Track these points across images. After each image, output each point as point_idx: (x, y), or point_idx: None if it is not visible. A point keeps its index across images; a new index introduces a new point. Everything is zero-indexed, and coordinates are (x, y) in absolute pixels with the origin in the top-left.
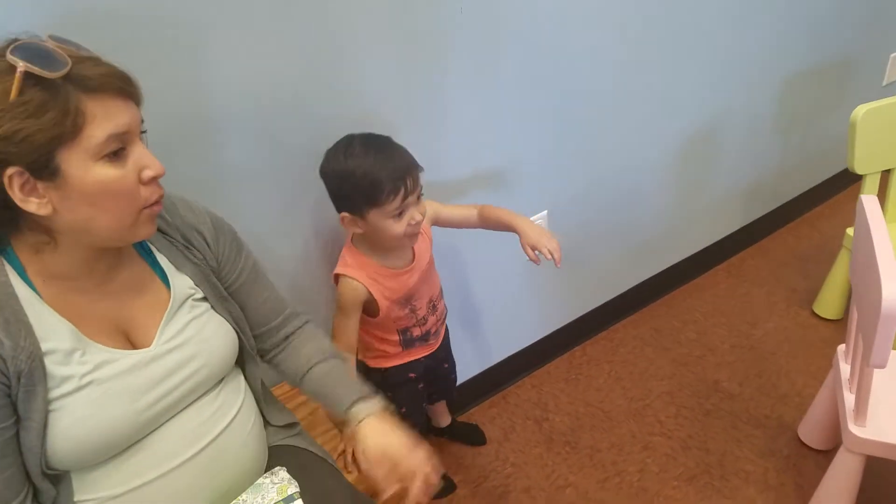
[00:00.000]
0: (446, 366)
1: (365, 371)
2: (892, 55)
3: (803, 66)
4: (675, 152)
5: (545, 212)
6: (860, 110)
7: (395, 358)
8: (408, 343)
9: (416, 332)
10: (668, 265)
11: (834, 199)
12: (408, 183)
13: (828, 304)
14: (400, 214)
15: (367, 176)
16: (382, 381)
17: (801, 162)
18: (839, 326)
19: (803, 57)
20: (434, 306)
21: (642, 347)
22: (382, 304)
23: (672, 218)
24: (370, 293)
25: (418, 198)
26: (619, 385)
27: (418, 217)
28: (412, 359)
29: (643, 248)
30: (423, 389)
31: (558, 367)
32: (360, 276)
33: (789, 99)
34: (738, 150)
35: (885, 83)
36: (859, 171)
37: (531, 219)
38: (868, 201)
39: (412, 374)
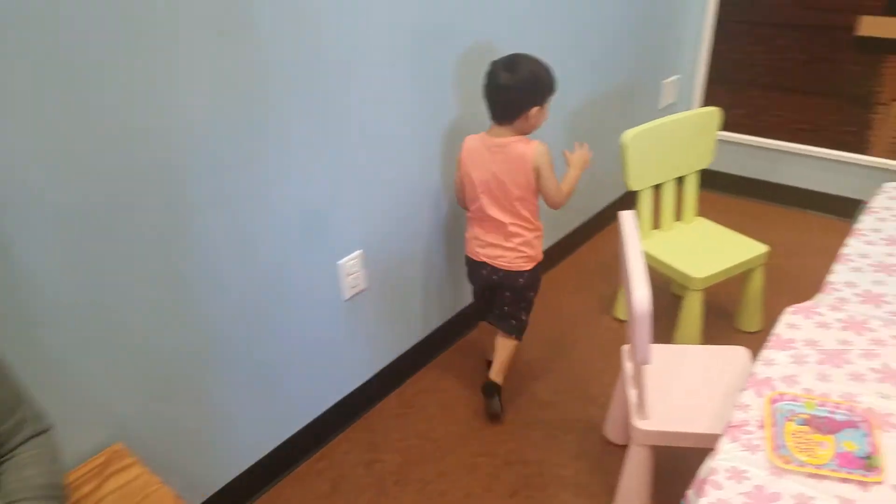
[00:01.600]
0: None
1: (536, 274)
2: (664, 81)
3: (589, 96)
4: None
5: (359, 251)
6: (628, 134)
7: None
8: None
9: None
10: None
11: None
12: None
13: (624, 307)
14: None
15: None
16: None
17: (597, 183)
18: None
19: (589, 87)
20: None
21: (469, 369)
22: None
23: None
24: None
25: None
26: (447, 412)
27: None
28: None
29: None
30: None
31: (390, 404)
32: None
33: (579, 127)
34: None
35: (661, 106)
36: (633, 188)
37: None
38: (625, 217)
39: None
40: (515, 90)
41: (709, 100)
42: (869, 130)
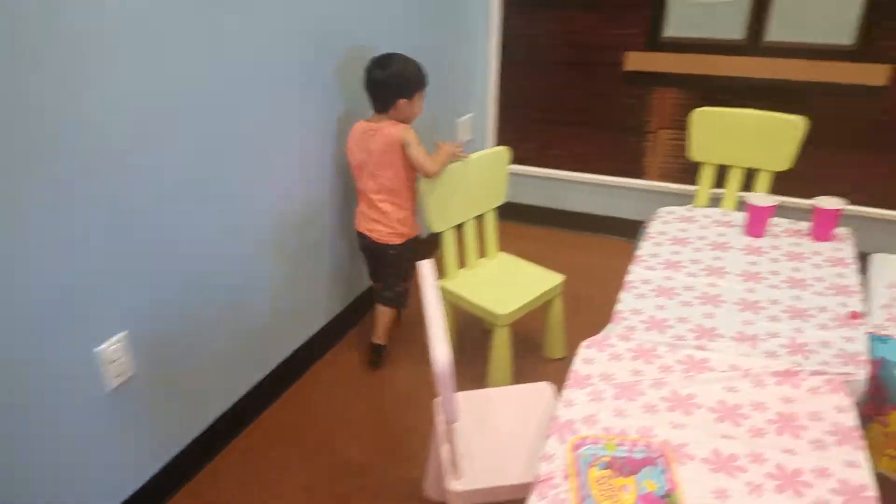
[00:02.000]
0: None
1: (411, 246)
2: (460, 120)
3: None
4: (269, 239)
5: (124, 332)
6: (422, 181)
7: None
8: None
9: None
10: (293, 349)
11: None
12: None
13: None
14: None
15: (421, 70)
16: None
17: None
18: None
19: None
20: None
21: (272, 449)
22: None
23: (284, 301)
24: None
25: None
26: (253, 500)
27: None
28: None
29: (256, 343)
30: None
31: None
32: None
33: None
34: (338, 224)
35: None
36: (436, 230)
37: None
38: (423, 268)
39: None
40: (385, 84)
41: (501, 135)
42: (643, 157)
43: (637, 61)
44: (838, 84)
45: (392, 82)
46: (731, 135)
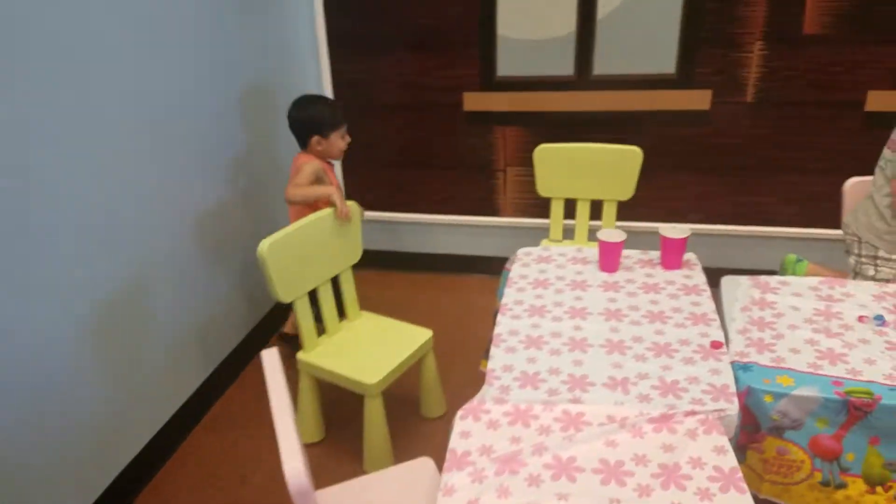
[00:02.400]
0: None
1: None
2: None
3: (220, 196)
4: (90, 329)
5: None
6: (265, 244)
7: None
8: None
9: None
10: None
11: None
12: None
13: (307, 429)
14: (343, 136)
15: (331, 113)
16: None
17: (250, 289)
18: (325, 446)
19: (221, 187)
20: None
21: None
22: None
23: (112, 403)
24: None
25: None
26: None
27: (348, 139)
28: None
29: (76, 465)
30: None
31: None
32: (318, 161)
33: (211, 229)
34: (172, 299)
35: None
36: (285, 300)
37: None
38: (267, 358)
39: None
40: (297, 123)
41: (348, 182)
42: (496, 195)
43: (475, 101)
44: (668, 111)
45: (304, 121)
46: (574, 169)
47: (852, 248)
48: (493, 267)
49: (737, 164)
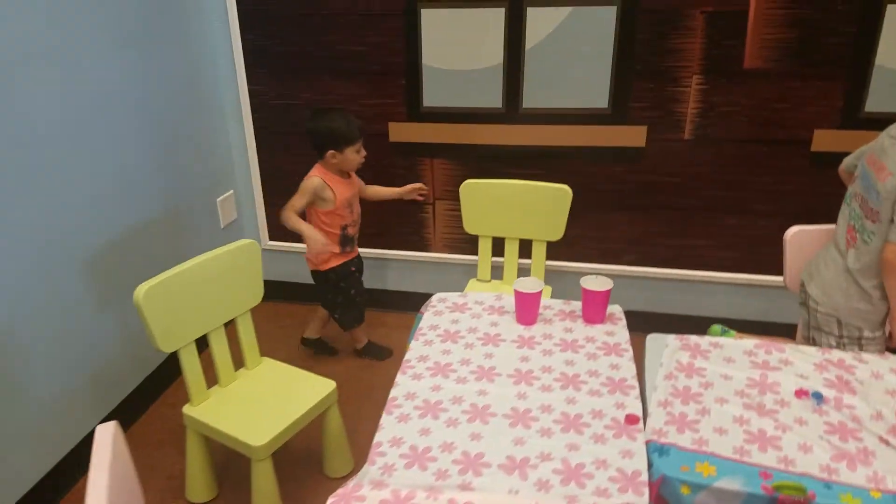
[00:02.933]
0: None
1: (321, 277)
2: (219, 199)
3: (128, 227)
4: None
5: None
6: (141, 290)
7: (337, 259)
8: (343, 241)
9: (351, 231)
10: None
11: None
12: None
13: (196, 488)
14: (358, 150)
15: (346, 127)
16: (336, 278)
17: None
18: None
19: (126, 218)
20: (356, 219)
21: None
22: (337, 199)
23: None
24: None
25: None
26: None
27: (364, 153)
28: (348, 259)
29: None
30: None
31: None
32: (323, 178)
33: (104, 272)
34: (55, 343)
35: (223, 225)
36: (167, 350)
37: None
38: (101, 431)
39: (353, 268)
40: (312, 136)
41: (272, 215)
42: (424, 230)
43: (400, 132)
44: (602, 147)
45: (320, 134)
46: (501, 206)
47: (830, 328)
48: (421, 304)
49: (674, 204)
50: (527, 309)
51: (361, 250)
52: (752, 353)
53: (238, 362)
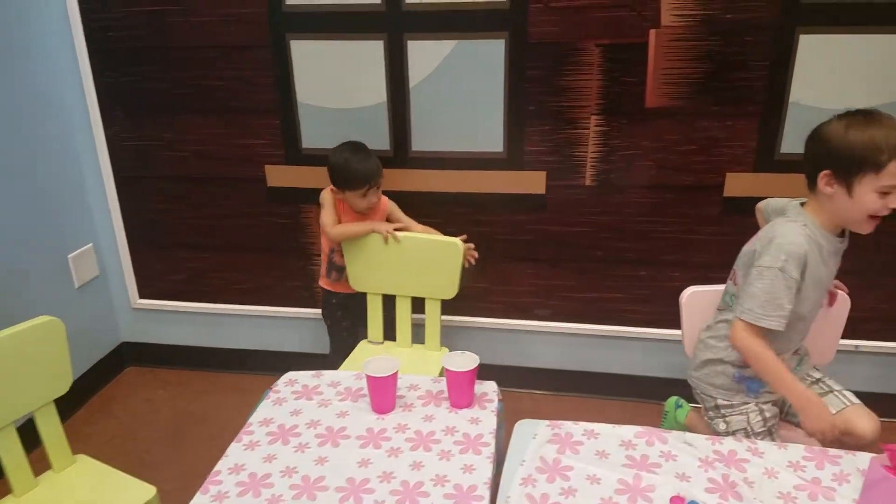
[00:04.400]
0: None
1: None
2: (71, 256)
3: None
4: None
5: None
6: None
7: (324, 281)
8: (329, 266)
9: (337, 261)
10: None
11: None
12: (371, 182)
13: None
14: (364, 196)
15: (352, 174)
16: (323, 300)
17: None
18: None
19: None
20: None
21: None
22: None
23: None
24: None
25: (378, 188)
26: None
27: (374, 199)
28: (332, 288)
29: None
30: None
31: None
32: (334, 195)
33: None
34: None
35: (78, 285)
36: None
37: None
38: None
39: (333, 300)
40: (330, 170)
41: (139, 268)
42: (314, 283)
43: (278, 176)
44: (500, 194)
45: (329, 166)
46: (388, 261)
47: (699, 401)
48: (314, 366)
49: (582, 255)
50: (379, 395)
51: (233, 307)
52: (631, 445)
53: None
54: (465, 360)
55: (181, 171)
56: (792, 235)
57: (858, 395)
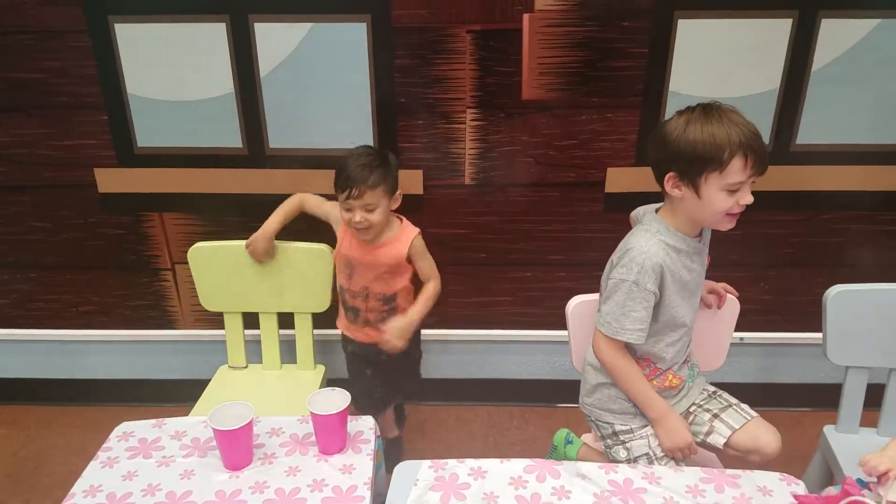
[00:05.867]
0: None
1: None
2: None
3: None
4: None
5: None
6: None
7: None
8: (344, 304)
9: (348, 299)
10: None
11: None
12: (352, 190)
13: None
14: (348, 210)
15: (340, 170)
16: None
17: None
18: None
19: None
20: (367, 295)
21: None
22: (337, 247)
23: None
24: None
25: (364, 206)
26: None
27: (357, 218)
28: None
29: None
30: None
31: None
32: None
33: None
34: None
35: None
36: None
37: None
38: None
39: (349, 348)
40: None
41: None
42: (165, 302)
43: (111, 181)
44: None
45: None
46: (245, 275)
47: (594, 429)
48: (169, 394)
49: (465, 259)
50: (231, 450)
51: (71, 332)
52: (521, 482)
53: None
54: (334, 399)
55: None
56: (645, 246)
57: (744, 386)
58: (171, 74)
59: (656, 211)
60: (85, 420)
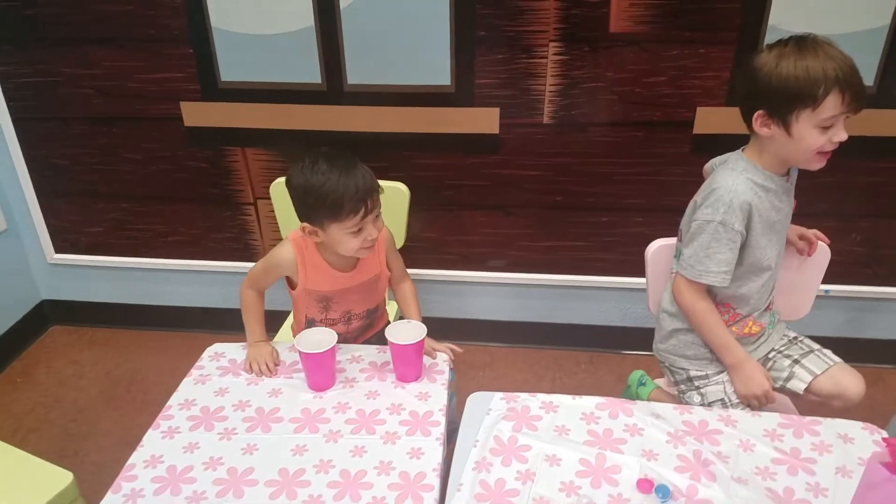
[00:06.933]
0: None
1: None
2: None
3: None
4: None
5: None
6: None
7: None
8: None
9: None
10: None
11: None
12: (367, 203)
13: None
14: (358, 231)
15: (330, 193)
16: None
17: None
18: None
19: None
20: (349, 318)
21: None
22: (299, 287)
23: None
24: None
25: (377, 217)
26: None
27: (374, 234)
28: None
29: None
30: None
31: None
32: (297, 251)
33: None
34: None
35: None
36: None
37: None
38: None
39: None
40: (297, 202)
41: (54, 220)
42: (247, 235)
43: (196, 115)
44: (448, 134)
45: (293, 193)
46: None
47: (668, 375)
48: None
49: (539, 202)
50: (315, 372)
51: (160, 261)
52: (593, 419)
53: None
54: (411, 331)
55: (85, 110)
56: (732, 184)
57: (827, 340)
58: (253, 7)
59: (742, 150)
60: (173, 345)
